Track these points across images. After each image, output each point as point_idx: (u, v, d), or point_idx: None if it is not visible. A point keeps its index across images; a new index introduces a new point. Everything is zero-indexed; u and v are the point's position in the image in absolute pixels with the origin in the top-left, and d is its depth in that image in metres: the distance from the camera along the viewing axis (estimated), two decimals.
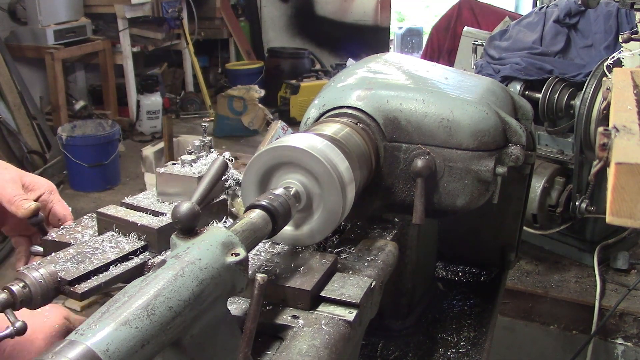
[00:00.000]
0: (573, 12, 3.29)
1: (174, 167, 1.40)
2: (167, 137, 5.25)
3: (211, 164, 1.31)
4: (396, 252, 1.34)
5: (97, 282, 1.11)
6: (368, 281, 1.16)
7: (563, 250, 3.49)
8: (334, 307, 1.10)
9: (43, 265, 1.08)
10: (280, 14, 9.23)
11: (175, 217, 0.97)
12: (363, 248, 1.32)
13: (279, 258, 1.20)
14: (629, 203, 0.77)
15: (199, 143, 1.46)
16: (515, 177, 1.79)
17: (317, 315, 1.08)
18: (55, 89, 6.16)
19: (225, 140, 6.79)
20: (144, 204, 1.33)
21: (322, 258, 1.20)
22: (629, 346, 3.07)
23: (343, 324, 1.06)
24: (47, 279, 1.05)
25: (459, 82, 1.64)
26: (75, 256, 1.15)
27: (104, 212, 1.28)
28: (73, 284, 1.08)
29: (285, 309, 1.10)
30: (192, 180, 1.35)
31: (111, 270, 1.14)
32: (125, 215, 1.27)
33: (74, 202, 5.27)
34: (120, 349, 0.74)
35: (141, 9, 6.96)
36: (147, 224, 1.22)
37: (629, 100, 1.04)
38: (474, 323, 1.79)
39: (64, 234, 1.28)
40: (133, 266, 1.17)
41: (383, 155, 1.47)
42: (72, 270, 1.11)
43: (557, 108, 3.06)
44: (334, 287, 1.13)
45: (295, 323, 1.05)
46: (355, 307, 1.09)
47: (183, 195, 1.33)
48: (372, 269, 1.23)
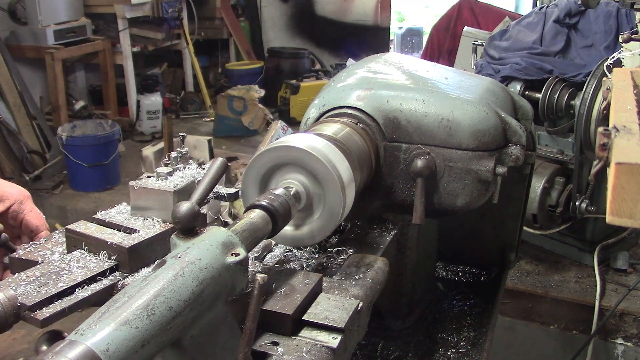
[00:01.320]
0: (573, 12, 3.29)
1: (148, 181, 1.32)
2: (167, 137, 5.25)
3: (211, 164, 1.30)
4: (386, 269, 1.28)
5: (60, 307, 1.03)
6: (354, 303, 1.09)
7: (563, 250, 3.49)
8: (317, 332, 1.02)
9: (2, 289, 1.02)
10: (280, 14, 9.22)
11: (175, 217, 0.97)
12: (351, 264, 1.26)
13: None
14: (629, 203, 0.77)
15: (176, 154, 1.38)
16: (515, 177, 1.79)
17: (298, 341, 1.01)
18: (55, 89, 6.16)
19: (225, 140, 6.78)
20: (116, 220, 1.26)
21: (306, 278, 1.13)
22: (629, 346, 3.07)
23: (326, 352, 0.99)
24: (6, 305, 0.99)
25: (459, 82, 1.64)
26: (39, 278, 1.08)
27: (73, 229, 1.21)
28: (34, 309, 1.01)
29: (264, 334, 1.02)
30: (167, 194, 1.26)
31: (77, 293, 1.07)
32: (95, 232, 1.20)
33: (73, 202, 5.27)
34: (120, 349, 0.74)
35: (141, 9, 6.96)
36: (118, 242, 1.16)
37: (629, 100, 1.04)
38: (474, 323, 1.79)
39: (32, 251, 1.22)
40: (101, 288, 1.10)
41: (383, 155, 1.47)
42: (33, 294, 1.03)
43: (557, 108, 3.06)
44: (318, 310, 1.06)
45: (274, 350, 0.98)
46: (340, 331, 1.02)
47: (158, 210, 1.26)
48: (359, 288, 1.16)
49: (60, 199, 5.35)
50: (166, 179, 1.31)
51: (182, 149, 1.40)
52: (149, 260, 1.19)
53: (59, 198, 5.35)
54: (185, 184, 1.30)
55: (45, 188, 5.41)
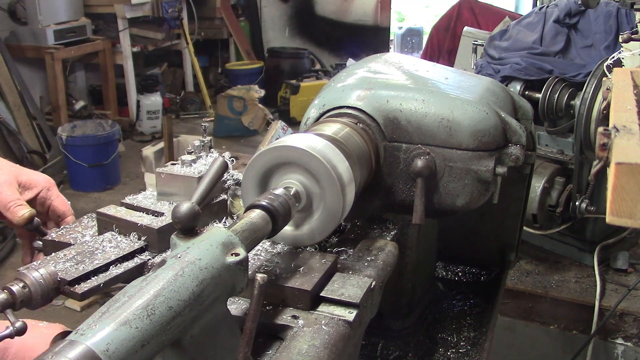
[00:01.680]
0: (573, 12, 3.29)
1: (174, 167, 1.40)
2: (167, 137, 5.25)
3: (211, 164, 1.31)
4: (396, 252, 1.34)
5: (96, 282, 1.10)
6: (368, 281, 1.15)
7: (563, 250, 3.49)
8: (334, 307, 1.10)
9: (43, 265, 1.08)
10: (280, 14, 9.23)
11: (175, 217, 0.97)
12: (363, 248, 1.32)
13: (278, 258, 1.20)
14: (629, 203, 0.77)
15: (199, 143, 1.45)
16: (515, 177, 1.79)
17: (317, 315, 1.08)
18: (55, 89, 6.16)
19: (225, 140, 6.79)
20: (143, 204, 1.33)
21: (322, 258, 1.20)
22: (629, 346, 3.07)
23: (343, 324, 1.06)
24: (47, 279, 1.05)
25: (459, 82, 1.64)
26: (75, 256, 1.15)
27: (104, 212, 1.28)
28: (73, 284, 1.08)
29: (285, 309, 1.09)
30: (192, 180, 1.34)
31: (111, 271, 1.14)
32: (125, 215, 1.27)
33: (74, 202, 5.22)
34: (120, 349, 0.74)
35: (141, 9, 6.96)
36: (147, 224, 1.22)
37: (629, 100, 1.04)
38: (474, 323, 1.79)
39: (64, 234, 1.28)
40: (133, 266, 1.17)
41: (383, 155, 1.47)
42: (72, 270, 1.10)
43: (557, 108, 3.06)
44: (334, 287, 1.13)
45: (295, 323, 1.05)
46: (355, 307, 1.09)
47: (183, 196, 1.33)
48: (372, 269, 1.23)
49: None
50: (190, 166, 1.39)
51: (204, 138, 1.47)
52: None
53: None
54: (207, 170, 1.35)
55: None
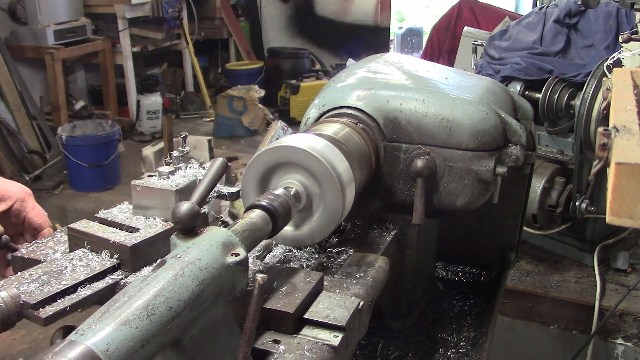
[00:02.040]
0: (573, 12, 3.29)
1: (150, 180, 1.33)
2: (167, 137, 5.25)
3: (211, 164, 1.30)
4: (387, 268, 1.29)
5: (62, 306, 1.03)
6: (355, 301, 1.09)
7: (563, 250, 3.49)
8: (319, 330, 1.03)
9: (5, 287, 1.02)
10: (280, 14, 9.22)
11: (175, 217, 0.97)
12: (352, 263, 1.27)
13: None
14: (629, 203, 0.77)
15: (178, 154, 1.39)
16: (515, 177, 1.79)
17: (299, 339, 1.01)
18: (55, 89, 6.16)
19: (225, 140, 6.78)
20: (118, 219, 1.26)
21: (307, 276, 1.13)
22: (629, 346, 3.07)
23: (327, 350, 0.99)
24: (9, 303, 0.98)
25: (459, 82, 1.64)
26: (42, 276, 1.08)
27: (75, 228, 1.21)
28: (37, 307, 1.01)
29: (266, 332, 1.03)
30: (169, 193, 1.27)
31: (80, 292, 1.08)
32: (97, 231, 1.21)
33: (73, 202, 5.27)
34: (120, 349, 0.74)
35: (141, 9, 6.96)
36: (120, 241, 1.16)
37: (629, 100, 1.04)
38: (474, 323, 1.79)
39: (34, 250, 1.22)
40: (103, 287, 1.11)
41: (383, 155, 1.47)
42: (37, 292, 1.04)
43: (557, 108, 3.06)
44: (319, 309, 1.06)
45: (275, 349, 0.99)
46: (341, 330, 1.02)
47: (160, 209, 1.27)
48: (360, 286, 1.17)
49: (60, 199, 5.34)
50: (168, 178, 1.32)
51: (183, 149, 1.41)
52: (150, 259, 1.19)
53: (59, 198, 5.35)
54: (187, 183, 1.31)
55: (45, 188, 5.41)
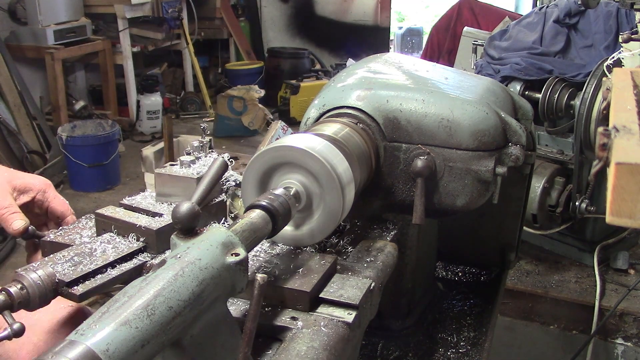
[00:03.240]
0: (573, 12, 3.29)
1: (172, 168, 1.39)
2: (167, 137, 5.24)
3: (211, 164, 1.31)
4: (395, 253, 1.34)
5: (95, 284, 1.10)
6: (367, 282, 1.15)
7: (563, 250, 3.50)
8: (333, 308, 1.09)
9: (41, 267, 1.07)
10: (280, 14, 9.22)
11: (175, 217, 0.97)
12: (362, 249, 1.32)
13: (278, 259, 1.20)
14: (629, 203, 0.77)
15: (198, 144, 1.45)
16: (515, 177, 1.79)
17: (315, 316, 1.07)
18: (55, 89, 6.16)
19: (225, 140, 6.78)
20: (142, 205, 1.32)
21: (322, 259, 1.19)
22: (629, 346, 3.07)
23: (342, 326, 1.06)
24: (45, 281, 1.04)
25: (459, 82, 1.64)
26: (73, 257, 1.14)
27: (102, 213, 1.27)
28: (71, 285, 1.08)
29: (284, 310, 1.09)
30: (191, 181, 1.33)
31: (109, 272, 1.13)
32: (123, 216, 1.26)
33: (73, 202, 5.26)
34: (120, 349, 0.74)
35: (141, 9, 6.96)
36: (146, 225, 1.22)
37: (629, 100, 1.04)
38: (474, 323, 1.79)
39: (62, 235, 1.27)
40: (131, 267, 1.16)
41: (383, 155, 1.47)
42: (70, 271, 1.10)
43: (557, 108, 3.07)
44: (333, 289, 1.13)
45: (294, 325, 1.05)
46: (354, 308, 1.09)
47: (182, 196, 1.32)
48: (371, 270, 1.23)
49: None
50: (189, 167, 1.38)
51: (203, 139, 1.46)
52: None
53: None
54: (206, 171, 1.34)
55: None
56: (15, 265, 4.46)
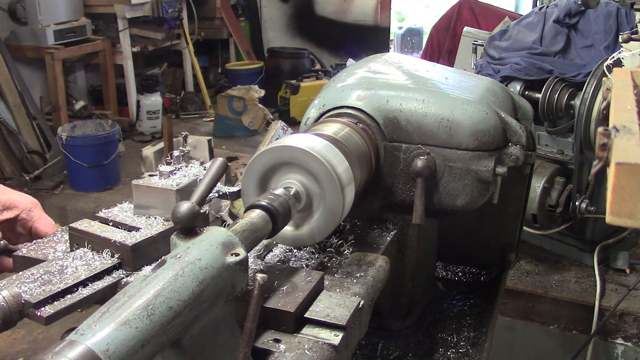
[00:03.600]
0: (573, 12, 3.29)
1: (151, 179, 1.32)
2: (167, 137, 5.24)
3: (211, 164, 1.30)
4: (387, 267, 1.29)
5: (64, 305, 1.03)
6: (356, 301, 1.10)
7: (563, 250, 3.50)
8: (319, 329, 1.03)
9: (6, 287, 1.02)
10: (280, 14, 9.22)
11: (175, 217, 0.97)
12: (352, 262, 1.27)
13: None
14: (629, 203, 0.77)
15: (178, 153, 1.39)
16: (515, 177, 1.79)
17: (300, 338, 1.02)
18: (55, 89, 6.16)
19: (225, 140, 6.78)
20: (119, 218, 1.26)
21: (308, 276, 1.14)
22: (629, 346, 3.07)
23: (328, 349, 1.00)
24: (10, 302, 0.98)
25: (459, 82, 1.64)
26: (43, 275, 1.08)
27: (76, 227, 1.21)
28: (38, 306, 1.01)
29: (267, 331, 1.03)
30: (170, 193, 1.27)
31: (80, 291, 1.08)
32: (98, 230, 1.20)
33: (73, 202, 5.27)
34: (120, 349, 0.74)
35: (141, 9, 6.96)
36: (121, 240, 1.16)
37: (629, 100, 1.04)
38: (474, 323, 1.79)
39: (35, 249, 1.22)
40: (105, 286, 1.10)
41: (383, 155, 1.47)
42: (38, 291, 1.04)
43: (557, 108, 3.06)
44: (320, 308, 1.07)
45: (276, 348, 0.99)
46: (342, 329, 1.03)
47: (161, 209, 1.27)
48: (360, 286, 1.17)
49: (60, 199, 5.34)
50: (169, 178, 1.32)
51: (184, 148, 1.41)
52: (151, 258, 1.19)
53: (59, 198, 5.35)
54: (187, 182, 1.31)
55: (45, 188, 5.40)
56: None
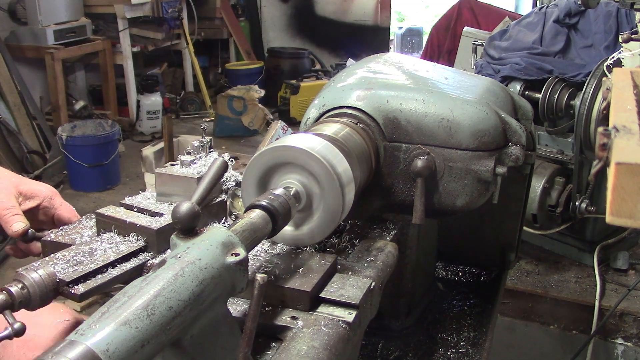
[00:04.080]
0: (573, 12, 3.29)
1: (173, 168, 1.39)
2: (167, 137, 5.24)
3: (211, 164, 1.30)
4: (396, 253, 1.34)
5: (95, 284, 1.10)
6: (367, 282, 1.15)
7: (563, 250, 3.50)
8: (333, 308, 1.10)
9: (42, 266, 1.08)
10: (280, 14, 9.23)
11: (175, 217, 0.97)
12: (362, 249, 1.32)
13: (278, 259, 1.20)
14: (629, 203, 0.77)
15: (198, 144, 1.45)
16: (515, 177, 1.79)
17: (316, 316, 1.08)
18: (55, 89, 6.16)
19: (225, 140, 6.78)
20: (142, 205, 1.32)
21: (322, 259, 1.20)
22: (629, 346, 3.07)
23: (342, 325, 1.06)
24: (46, 280, 1.04)
25: (459, 82, 1.64)
26: (74, 257, 1.15)
27: (103, 213, 1.27)
28: (72, 285, 1.08)
29: (285, 310, 1.09)
30: (192, 180, 1.34)
31: (110, 271, 1.13)
32: (124, 216, 1.26)
33: (73, 202, 5.24)
34: (120, 349, 0.74)
35: (141, 9, 6.96)
36: (146, 225, 1.22)
37: (629, 100, 1.04)
38: (474, 323, 1.79)
39: (63, 234, 1.27)
40: (132, 267, 1.16)
41: (383, 155, 1.47)
42: (70, 271, 1.10)
43: (557, 108, 3.06)
44: (334, 288, 1.13)
45: (294, 324, 1.05)
46: (355, 308, 1.09)
47: (182, 196, 1.33)
48: (371, 269, 1.23)
49: None
50: (189, 166, 1.39)
51: (203, 139, 1.47)
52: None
53: None
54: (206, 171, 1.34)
55: None
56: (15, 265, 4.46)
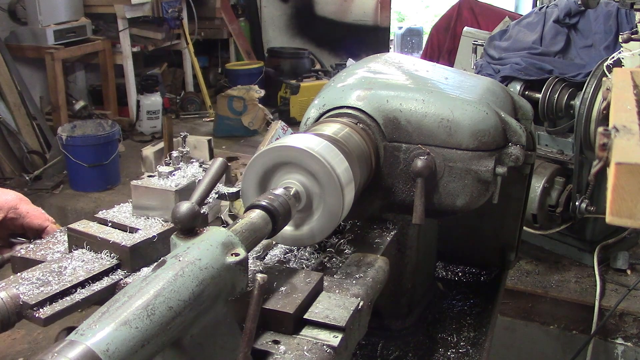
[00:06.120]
0: (573, 12, 3.29)
1: (150, 180, 1.32)
2: (167, 137, 5.24)
3: (211, 164, 1.30)
4: (387, 268, 1.29)
5: (62, 307, 1.03)
6: (355, 302, 1.09)
7: (563, 250, 3.50)
8: (318, 330, 1.03)
9: (5, 288, 1.02)
10: (280, 14, 9.22)
11: (175, 217, 0.97)
12: (352, 263, 1.27)
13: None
14: (629, 203, 0.77)
15: (177, 154, 1.39)
16: (515, 177, 1.79)
17: (299, 340, 1.01)
18: (55, 89, 6.15)
19: (225, 140, 6.78)
20: (117, 219, 1.26)
21: (307, 277, 1.13)
22: (629, 346, 3.07)
23: (327, 350, 0.99)
24: (8, 303, 0.98)
25: (459, 82, 1.64)
26: (41, 277, 1.08)
27: (75, 228, 1.21)
28: (36, 307, 1.01)
29: (266, 332, 1.03)
30: (169, 194, 1.27)
31: (79, 292, 1.07)
32: (96, 231, 1.20)
33: (73, 202, 5.27)
34: (120, 349, 0.74)
35: (141, 9, 6.96)
36: (120, 242, 1.16)
37: (629, 100, 1.04)
38: (474, 323, 1.79)
39: (34, 250, 1.21)
40: (103, 287, 1.10)
41: (383, 155, 1.47)
42: (36, 292, 1.03)
43: (557, 108, 3.06)
44: (319, 309, 1.06)
45: (275, 349, 0.99)
46: (341, 330, 1.02)
47: (160, 210, 1.27)
48: (359, 287, 1.17)
49: (60, 199, 5.34)
50: (168, 178, 1.32)
51: (183, 149, 1.41)
52: (150, 259, 1.19)
53: (59, 198, 5.35)
54: (186, 183, 1.31)
55: (45, 188, 5.40)
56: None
